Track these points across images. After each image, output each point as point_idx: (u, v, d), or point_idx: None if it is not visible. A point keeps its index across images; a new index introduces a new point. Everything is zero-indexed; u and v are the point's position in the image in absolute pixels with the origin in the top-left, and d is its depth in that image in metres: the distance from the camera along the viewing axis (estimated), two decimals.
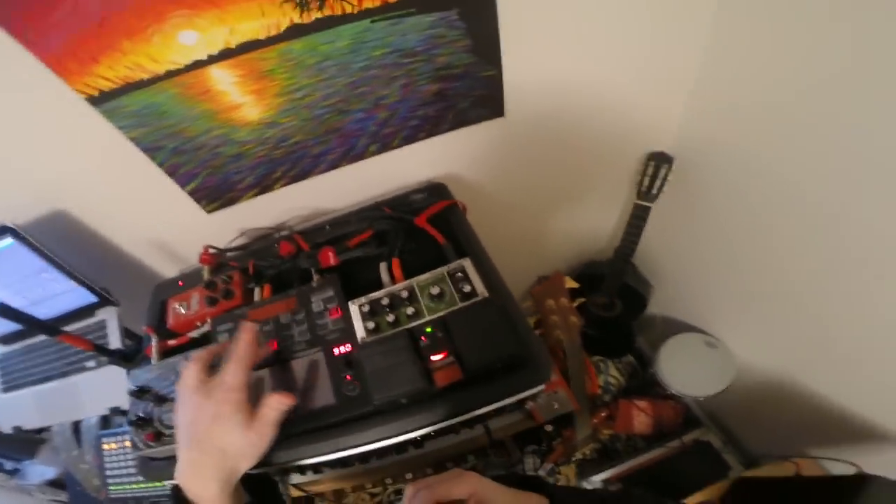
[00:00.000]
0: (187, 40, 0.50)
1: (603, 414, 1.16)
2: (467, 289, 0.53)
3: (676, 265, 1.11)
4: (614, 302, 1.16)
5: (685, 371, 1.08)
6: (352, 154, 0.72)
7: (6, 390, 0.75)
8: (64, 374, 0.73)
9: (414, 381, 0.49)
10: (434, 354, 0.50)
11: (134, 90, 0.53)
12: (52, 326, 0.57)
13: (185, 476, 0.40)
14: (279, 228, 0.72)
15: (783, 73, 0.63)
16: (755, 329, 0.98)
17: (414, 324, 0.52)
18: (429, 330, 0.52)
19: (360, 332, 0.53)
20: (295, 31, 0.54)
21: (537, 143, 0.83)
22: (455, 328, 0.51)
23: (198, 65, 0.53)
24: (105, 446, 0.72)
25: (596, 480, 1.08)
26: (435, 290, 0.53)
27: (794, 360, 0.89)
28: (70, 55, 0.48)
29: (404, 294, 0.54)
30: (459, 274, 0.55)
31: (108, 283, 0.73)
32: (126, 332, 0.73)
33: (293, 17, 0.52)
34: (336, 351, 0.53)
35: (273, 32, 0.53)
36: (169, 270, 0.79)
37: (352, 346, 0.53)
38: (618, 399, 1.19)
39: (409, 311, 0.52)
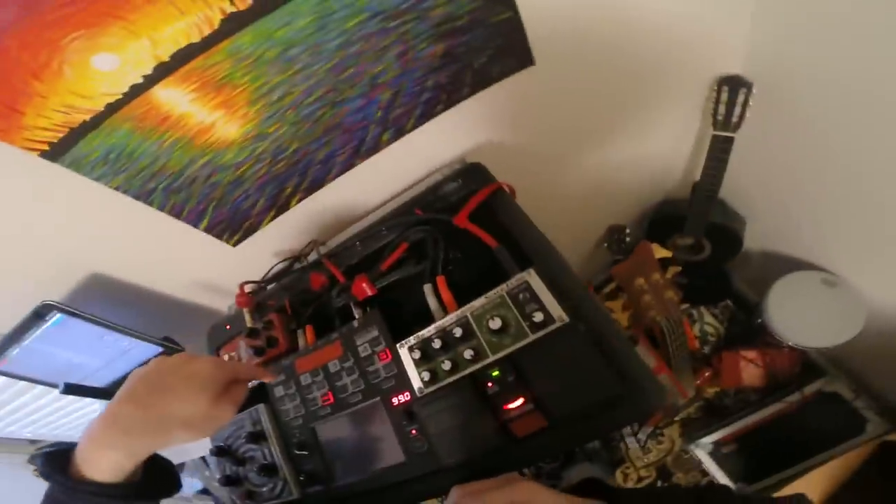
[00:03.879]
0: (106, 65, 0.39)
1: (707, 374, 1.02)
2: (538, 317, 0.41)
3: (773, 194, 0.88)
4: (701, 243, 0.95)
5: (802, 318, 0.88)
6: (364, 149, 0.59)
7: None
8: None
9: (486, 438, 0.41)
10: (507, 403, 0.41)
11: (84, 134, 0.44)
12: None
13: (95, 432, 0.32)
14: (311, 247, 0.64)
15: None
16: (883, 257, 0.76)
17: (476, 367, 0.42)
18: (495, 374, 0.42)
19: (416, 382, 0.45)
20: (234, 22, 0.40)
21: (582, 84, 0.65)
22: (529, 368, 0.41)
23: (137, 90, 0.42)
24: None
25: (706, 443, 0.98)
26: (495, 324, 0.42)
27: None
28: None
29: (457, 332, 0.44)
30: (524, 294, 0.42)
31: (168, 328, 0.73)
32: None
33: (222, 6, 0.39)
34: (395, 401, 0.47)
35: (207, 31, 0.40)
36: (219, 304, 0.77)
37: (410, 394, 0.46)
38: (720, 351, 1.03)
39: (468, 353, 0.43)
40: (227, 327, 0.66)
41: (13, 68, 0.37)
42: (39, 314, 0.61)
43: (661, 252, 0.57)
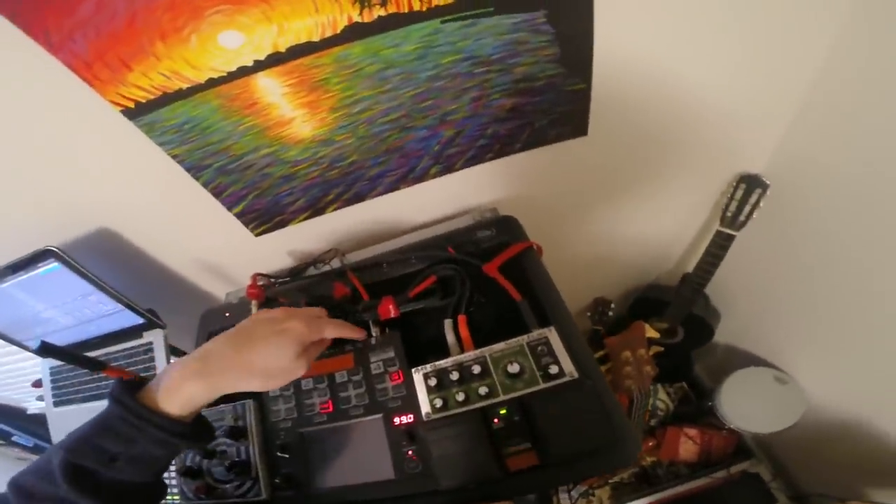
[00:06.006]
0: (230, 42, 0.42)
1: (650, 443, 1.10)
2: (553, 369, 0.45)
3: (753, 297, 0.99)
4: (676, 329, 1.05)
5: (748, 406, 0.99)
6: (411, 176, 0.63)
7: (57, 405, 0.75)
8: None
9: (485, 468, 0.44)
10: (509, 440, 0.44)
11: (173, 101, 0.46)
12: (95, 362, 0.53)
13: (185, 364, 0.35)
14: (332, 254, 0.66)
15: None
16: (832, 368, 0.88)
17: (487, 403, 0.46)
18: (503, 412, 0.45)
19: (424, 407, 0.47)
20: (354, 32, 0.45)
21: (618, 162, 0.72)
22: (536, 412, 0.45)
23: (243, 72, 0.45)
24: None
25: None
26: (513, 369, 0.46)
27: (872, 403, 0.80)
28: (99, 60, 0.41)
29: (476, 369, 0.47)
30: (542, 348, 0.47)
31: (156, 302, 0.70)
32: (174, 351, 0.71)
33: (352, 14, 0.43)
34: (397, 420, 0.49)
35: (328, 33, 0.44)
36: (217, 289, 0.76)
37: (414, 417, 0.48)
38: (666, 426, 1.12)
39: (482, 389, 0.46)
40: (227, 315, 0.65)
41: (150, 27, 0.39)
42: (36, 259, 0.57)
43: (650, 332, 0.65)
